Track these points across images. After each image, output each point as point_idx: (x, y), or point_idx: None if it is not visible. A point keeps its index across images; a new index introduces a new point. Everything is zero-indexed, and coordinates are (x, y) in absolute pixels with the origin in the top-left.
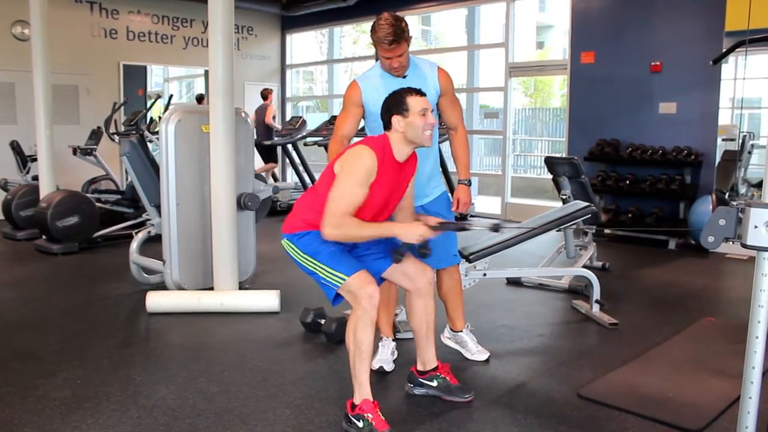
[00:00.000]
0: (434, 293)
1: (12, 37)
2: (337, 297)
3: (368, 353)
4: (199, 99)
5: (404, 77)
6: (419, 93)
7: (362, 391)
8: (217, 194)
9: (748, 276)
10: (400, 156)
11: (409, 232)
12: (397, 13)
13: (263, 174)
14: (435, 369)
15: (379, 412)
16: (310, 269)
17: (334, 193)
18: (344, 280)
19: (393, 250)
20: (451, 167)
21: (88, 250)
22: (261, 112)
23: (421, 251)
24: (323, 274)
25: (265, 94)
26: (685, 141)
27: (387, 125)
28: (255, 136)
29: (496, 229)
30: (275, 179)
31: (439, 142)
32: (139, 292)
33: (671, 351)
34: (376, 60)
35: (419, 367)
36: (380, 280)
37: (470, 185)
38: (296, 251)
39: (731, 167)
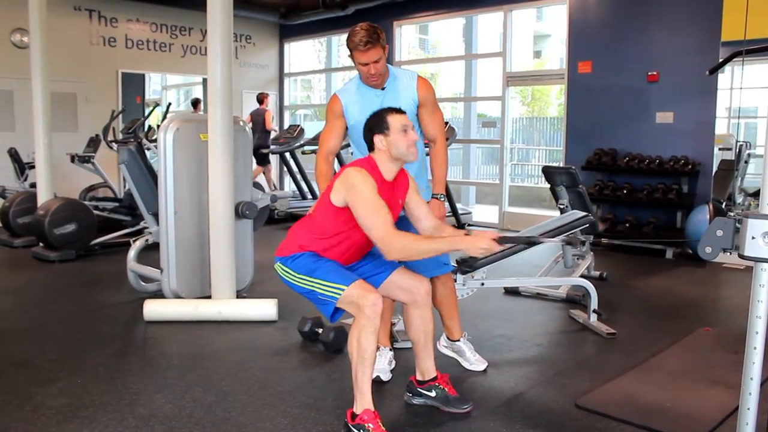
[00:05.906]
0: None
1: (11, 44)
2: (335, 312)
3: (371, 362)
4: (195, 103)
5: (383, 89)
6: (399, 111)
7: (364, 401)
8: (215, 203)
9: (745, 286)
10: (389, 175)
11: (475, 245)
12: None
13: (259, 181)
14: (434, 379)
15: (380, 423)
16: (307, 288)
17: (363, 215)
18: (342, 290)
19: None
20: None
21: (86, 258)
22: (256, 116)
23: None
24: (321, 289)
25: (261, 98)
26: (682, 150)
27: (370, 146)
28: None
29: (570, 242)
30: (274, 187)
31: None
32: (136, 301)
33: (669, 361)
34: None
35: (418, 377)
36: None
37: (444, 200)
38: (290, 273)
39: (728, 176)
